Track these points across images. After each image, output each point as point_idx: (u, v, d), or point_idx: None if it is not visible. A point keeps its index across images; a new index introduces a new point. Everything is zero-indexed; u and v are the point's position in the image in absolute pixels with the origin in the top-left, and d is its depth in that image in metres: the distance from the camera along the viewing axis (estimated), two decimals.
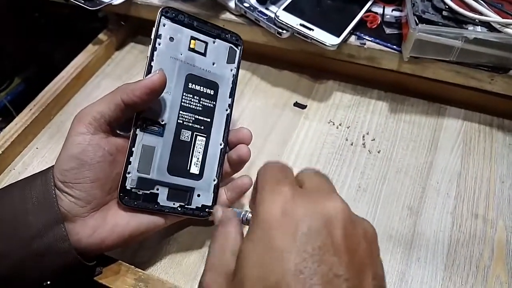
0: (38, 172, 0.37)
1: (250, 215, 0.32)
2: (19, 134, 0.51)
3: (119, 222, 0.37)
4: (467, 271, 0.42)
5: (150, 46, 0.39)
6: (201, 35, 0.41)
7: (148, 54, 0.38)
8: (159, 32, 0.39)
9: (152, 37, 0.39)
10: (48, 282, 0.35)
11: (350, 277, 0.23)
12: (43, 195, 0.35)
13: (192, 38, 0.41)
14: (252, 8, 0.54)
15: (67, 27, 0.93)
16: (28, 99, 0.56)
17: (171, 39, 0.40)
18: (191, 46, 0.41)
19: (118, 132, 0.39)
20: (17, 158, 0.52)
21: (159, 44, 0.39)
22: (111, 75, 0.61)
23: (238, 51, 0.43)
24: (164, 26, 0.39)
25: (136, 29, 0.66)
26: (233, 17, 0.56)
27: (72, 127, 0.36)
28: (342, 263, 0.23)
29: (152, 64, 0.38)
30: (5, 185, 0.48)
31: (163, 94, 0.38)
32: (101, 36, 0.63)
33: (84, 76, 0.60)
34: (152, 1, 0.58)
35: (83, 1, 0.57)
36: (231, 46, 0.43)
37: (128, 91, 0.36)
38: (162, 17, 0.39)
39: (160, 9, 0.39)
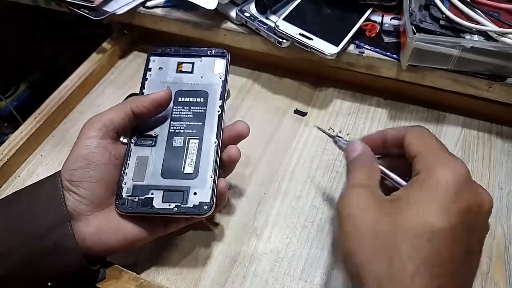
0: (47, 177, 0.39)
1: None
2: (24, 142, 0.52)
3: (123, 223, 0.38)
4: None
5: (142, 77, 0.44)
6: (188, 58, 0.46)
7: (140, 83, 0.44)
8: (149, 66, 0.45)
9: (143, 71, 0.45)
10: (50, 283, 0.36)
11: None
12: (51, 195, 0.36)
13: (180, 62, 0.45)
14: (252, 18, 0.54)
15: (71, 33, 0.94)
16: (33, 104, 0.57)
17: (160, 68, 0.45)
18: (179, 69, 0.45)
19: (121, 140, 0.41)
20: (22, 165, 0.53)
21: (150, 76, 0.44)
22: (115, 84, 0.62)
23: (224, 61, 0.46)
24: (153, 61, 0.45)
25: (139, 38, 0.67)
26: (234, 26, 0.57)
27: (82, 132, 0.38)
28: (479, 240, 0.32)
29: (143, 90, 0.44)
30: (10, 192, 0.50)
31: None
32: (105, 45, 0.64)
33: (88, 85, 0.61)
34: (155, 10, 0.59)
35: (87, 11, 0.58)
36: (217, 59, 0.46)
37: (138, 102, 0.40)
38: (151, 55, 0.46)
39: (148, 53, 0.46)
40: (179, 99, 0.43)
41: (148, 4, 0.60)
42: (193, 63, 0.45)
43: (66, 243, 0.35)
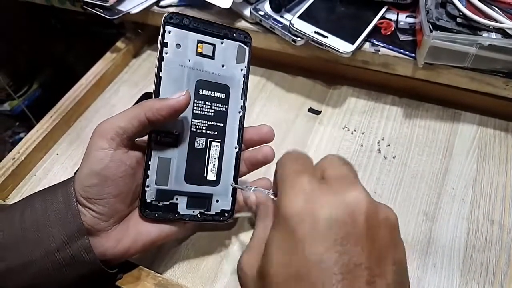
0: (58, 184, 0.37)
1: (272, 196, 0.34)
2: (40, 140, 0.53)
3: (141, 231, 0.37)
4: (484, 277, 0.42)
5: (157, 56, 0.38)
6: (208, 37, 0.40)
7: (156, 65, 0.38)
8: (165, 40, 0.38)
9: (158, 46, 0.38)
10: None
11: (371, 265, 0.24)
12: (65, 209, 0.35)
13: (199, 41, 0.40)
14: (267, 16, 0.54)
15: (82, 33, 0.95)
16: (44, 104, 0.57)
17: (178, 46, 0.39)
18: (199, 50, 0.40)
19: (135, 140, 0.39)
20: (38, 164, 0.53)
21: (166, 53, 0.38)
22: (129, 82, 0.63)
23: (247, 49, 0.41)
24: (169, 33, 0.38)
25: (152, 37, 0.68)
26: (248, 25, 0.57)
27: (94, 141, 0.35)
28: (363, 252, 0.24)
29: (161, 74, 0.38)
30: (27, 190, 0.50)
31: None
32: (119, 44, 0.64)
33: (103, 84, 0.61)
34: (169, 10, 0.59)
35: (101, 11, 0.58)
36: (240, 45, 0.41)
37: (153, 109, 0.36)
38: (167, 24, 0.38)
39: (164, 16, 0.38)
40: (200, 92, 0.39)
41: (162, 3, 0.60)
42: (214, 46, 0.40)
43: (85, 257, 0.35)
